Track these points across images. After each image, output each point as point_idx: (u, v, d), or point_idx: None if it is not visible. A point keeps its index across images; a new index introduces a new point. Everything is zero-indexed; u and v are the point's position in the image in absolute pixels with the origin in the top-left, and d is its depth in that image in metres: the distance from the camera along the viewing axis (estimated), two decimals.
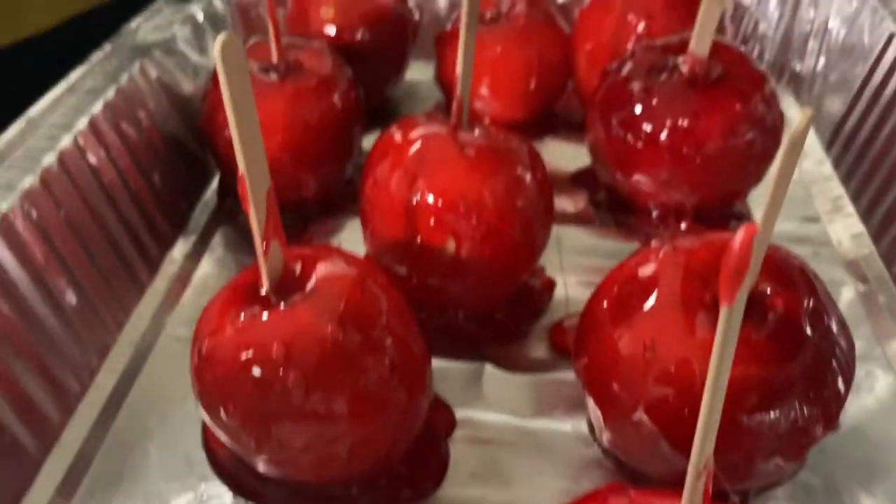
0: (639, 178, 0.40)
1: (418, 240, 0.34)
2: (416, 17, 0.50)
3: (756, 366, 0.25)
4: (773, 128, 0.39)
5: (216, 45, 0.23)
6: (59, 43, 0.55)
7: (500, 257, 0.34)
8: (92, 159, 0.36)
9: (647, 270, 0.28)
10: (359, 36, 0.46)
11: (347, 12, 0.46)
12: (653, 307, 0.27)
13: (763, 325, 0.25)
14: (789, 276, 0.27)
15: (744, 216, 0.42)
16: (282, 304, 0.27)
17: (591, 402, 0.29)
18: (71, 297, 0.33)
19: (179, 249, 0.42)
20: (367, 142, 0.46)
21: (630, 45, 0.44)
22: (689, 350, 0.26)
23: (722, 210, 0.42)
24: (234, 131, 0.25)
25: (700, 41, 0.37)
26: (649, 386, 0.26)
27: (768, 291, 0.26)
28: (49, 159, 0.34)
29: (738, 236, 0.15)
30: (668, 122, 0.37)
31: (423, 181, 0.33)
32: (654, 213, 0.41)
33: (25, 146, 0.34)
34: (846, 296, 0.38)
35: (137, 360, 0.36)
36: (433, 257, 0.34)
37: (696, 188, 0.39)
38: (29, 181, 0.32)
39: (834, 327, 0.27)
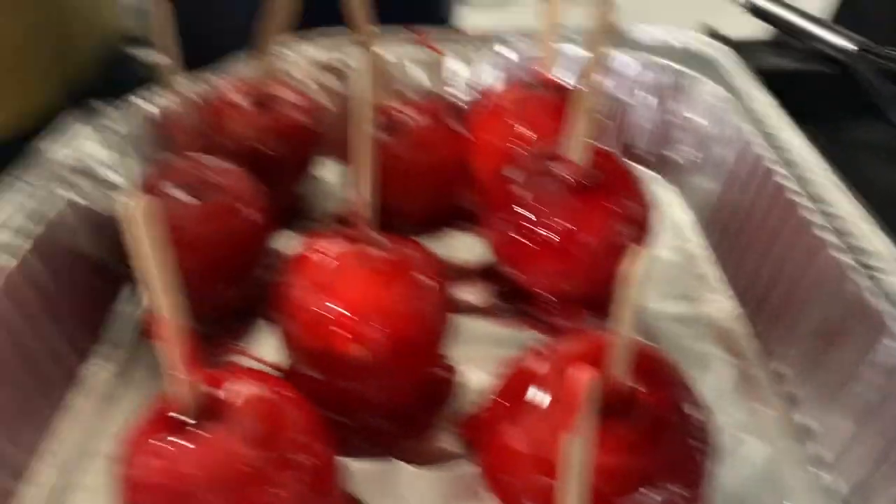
0: (532, 273, 0.43)
1: (328, 348, 0.36)
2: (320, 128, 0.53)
3: (623, 455, 0.28)
4: (645, 222, 0.43)
5: (128, 209, 0.26)
6: None
7: (405, 359, 0.37)
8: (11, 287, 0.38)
9: (533, 374, 0.31)
10: (265, 148, 0.49)
11: (253, 127, 0.49)
12: (538, 410, 0.30)
13: (628, 419, 0.29)
14: (652, 371, 0.30)
15: None
16: (200, 430, 0.29)
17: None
18: None
19: (100, 363, 0.43)
20: (284, 241, 0.49)
21: (517, 148, 0.48)
22: None
23: (607, 294, 0.46)
24: (147, 278, 0.27)
25: (574, 149, 0.41)
26: (537, 479, 0.29)
27: (634, 387, 0.30)
28: None
29: (573, 382, 0.18)
30: (554, 226, 0.41)
31: (329, 294, 0.36)
32: (549, 303, 0.45)
33: None
34: (724, 372, 0.42)
35: (61, 482, 0.37)
36: (342, 363, 0.37)
37: (582, 280, 0.43)
38: None
39: (693, 414, 0.30)
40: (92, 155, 0.47)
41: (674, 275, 0.49)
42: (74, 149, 0.46)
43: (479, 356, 0.43)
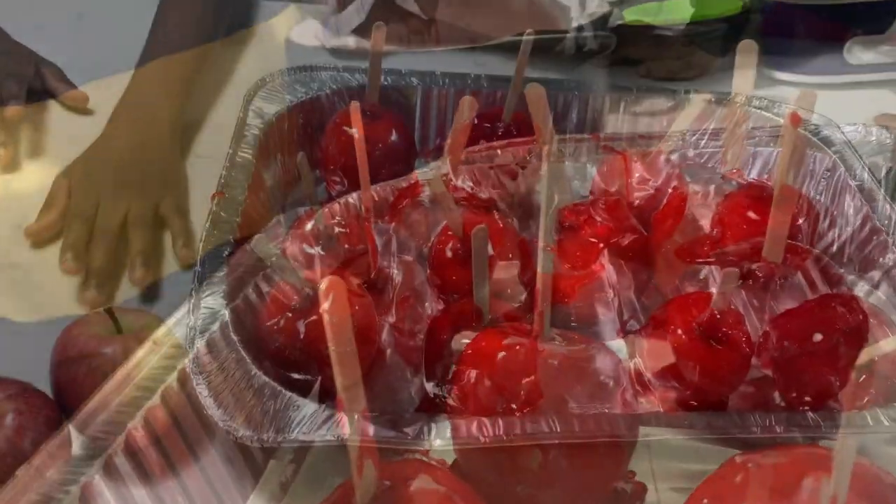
0: (723, 379, 0.40)
1: (507, 449, 0.35)
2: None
3: None
4: (854, 327, 0.39)
5: (323, 287, 0.27)
6: None
7: (588, 465, 0.35)
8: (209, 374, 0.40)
9: (734, 487, 0.28)
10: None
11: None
12: None
13: None
14: (878, 494, 0.27)
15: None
16: None
17: None
18: None
19: (282, 455, 0.44)
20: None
21: (704, 248, 0.46)
22: None
23: (815, 407, 0.41)
24: (334, 364, 0.28)
25: (772, 249, 0.39)
26: None
27: None
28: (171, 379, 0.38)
29: None
30: (750, 328, 0.38)
31: (509, 391, 0.35)
32: (742, 411, 0.41)
33: (150, 366, 0.39)
34: None
35: None
36: (521, 467, 0.35)
37: (784, 389, 0.39)
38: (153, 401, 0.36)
39: None
40: (286, 251, 0.50)
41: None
42: (266, 247, 0.49)
43: (666, 470, 0.40)
